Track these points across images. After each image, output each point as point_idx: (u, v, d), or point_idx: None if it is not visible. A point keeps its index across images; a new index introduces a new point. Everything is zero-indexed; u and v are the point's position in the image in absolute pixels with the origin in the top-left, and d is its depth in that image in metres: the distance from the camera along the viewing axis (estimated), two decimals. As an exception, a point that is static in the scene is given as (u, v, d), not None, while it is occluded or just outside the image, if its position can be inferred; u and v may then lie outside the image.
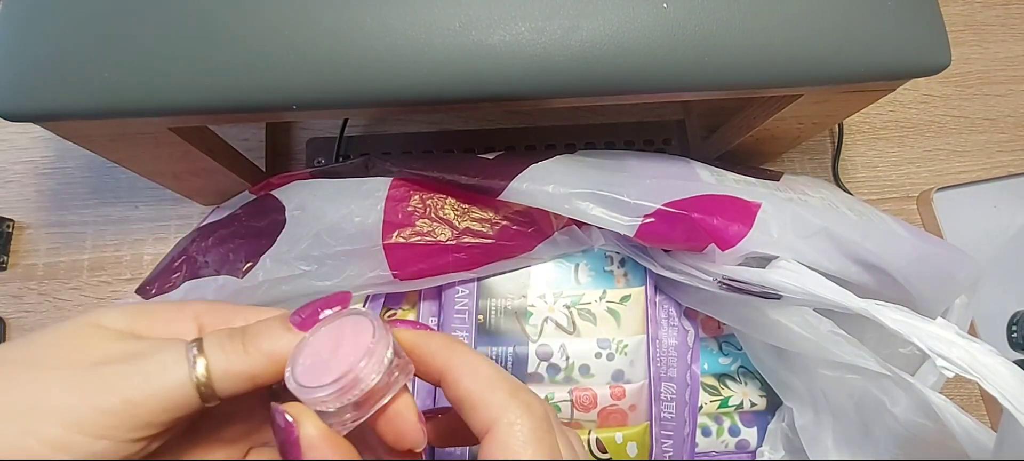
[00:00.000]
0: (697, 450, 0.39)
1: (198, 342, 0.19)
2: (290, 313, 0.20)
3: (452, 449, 0.37)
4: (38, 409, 0.16)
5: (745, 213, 0.34)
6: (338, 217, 0.35)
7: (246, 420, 0.23)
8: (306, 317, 0.20)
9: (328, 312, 0.20)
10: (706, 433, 0.39)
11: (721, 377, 0.40)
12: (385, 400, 0.20)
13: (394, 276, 0.36)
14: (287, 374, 0.19)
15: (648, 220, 0.34)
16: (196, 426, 0.21)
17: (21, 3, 0.30)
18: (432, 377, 0.21)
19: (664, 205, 0.34)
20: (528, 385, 0.27)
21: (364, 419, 0.20)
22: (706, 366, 0.40)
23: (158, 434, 0.18)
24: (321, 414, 0.19)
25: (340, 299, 0.21)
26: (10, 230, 0.47)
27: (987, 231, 0.52)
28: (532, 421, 0.19)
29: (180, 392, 0.18)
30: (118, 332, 0.19)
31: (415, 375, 0.21)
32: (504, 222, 0.37)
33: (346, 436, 0.20)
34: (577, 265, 0.40)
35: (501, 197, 0.35)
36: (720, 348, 0.40)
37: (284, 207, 0.37)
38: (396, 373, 0.20)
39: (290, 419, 0.18)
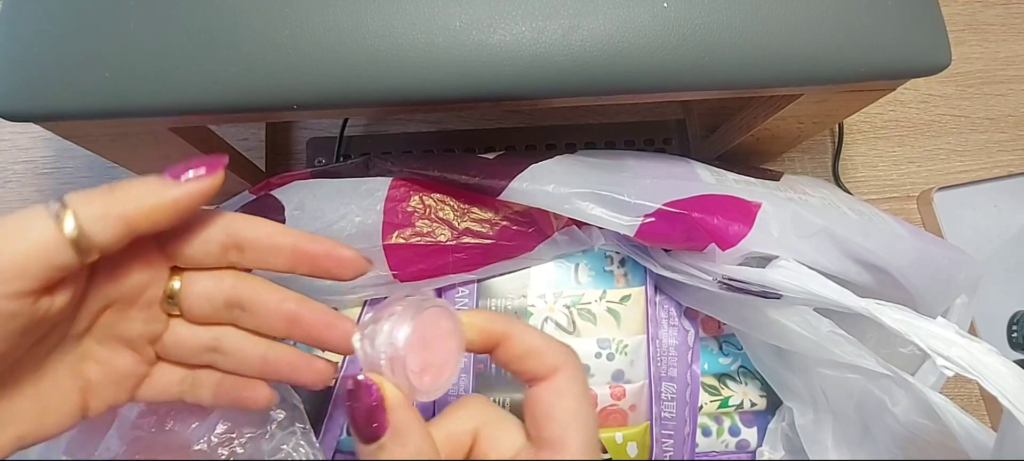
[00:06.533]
0: (697, 450, 0.39)
1: (60, 198, 0.19)
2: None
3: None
4: None
5: (745, 213, 0.34)
6: (338, 217, 0.35)
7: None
8: (177, 169, 0.21)
9: (202, 171, 0.21)
10: (706, 433, 0.39)
11: (721, 377, 0.40)
12: None
13: (394, 277, 0.36)
14: (361, 343, 0.22)
15: (648, 220, 0.34)
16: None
17: (21, 3, 0.30)
18: (490, 343, 0.24)
19: (664, 205, 0.34)
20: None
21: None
22: (706, 366, 0.39)
23: (36, 291, 0.19)
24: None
25: (217, 161, 0.22)
26: (10, 230, 0.47)
27: (987, 231, 0.52)
28: (585, 376, 0.23)
29: (45, 241, 0.19)
30: None
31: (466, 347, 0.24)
32: (504, 222, 0.37)
33: None
34: (577, 265, 0.40)
35: (501, 197, 0.35)
36: (720, 348, 0.40)
37: (284, 207, 0.37)
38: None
39: (375, 386, 0.22)
